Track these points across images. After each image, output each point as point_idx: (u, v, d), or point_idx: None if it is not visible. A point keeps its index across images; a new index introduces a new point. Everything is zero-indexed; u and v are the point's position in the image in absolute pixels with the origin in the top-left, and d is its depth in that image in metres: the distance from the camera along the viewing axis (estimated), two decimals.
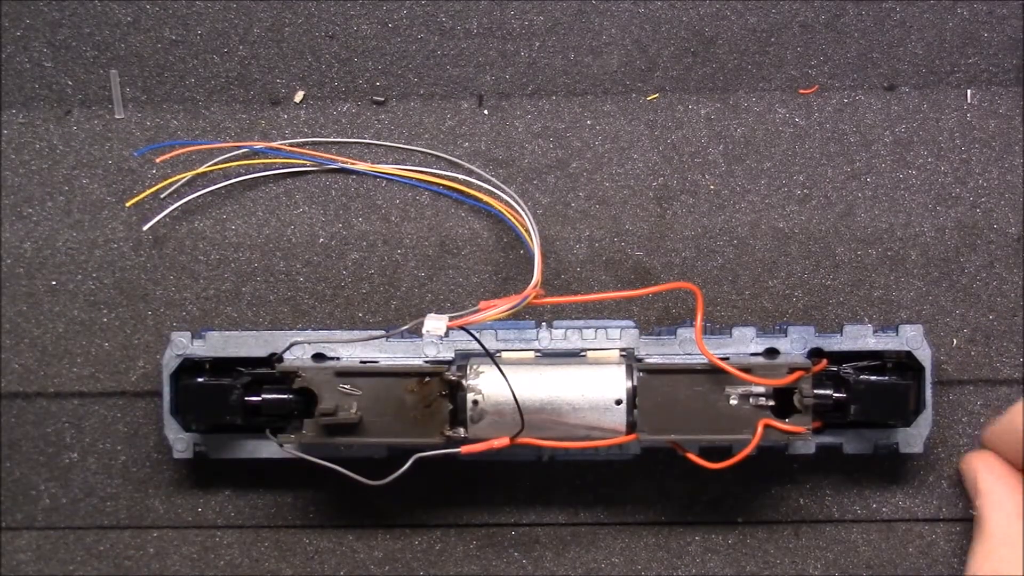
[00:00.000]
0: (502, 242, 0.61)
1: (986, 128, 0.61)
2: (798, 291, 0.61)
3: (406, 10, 0.62)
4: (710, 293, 0.61)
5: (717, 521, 0.61)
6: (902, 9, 0.62)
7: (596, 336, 0.57)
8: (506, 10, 0.62)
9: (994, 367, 0.61)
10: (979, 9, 0.61)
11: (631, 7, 0.62)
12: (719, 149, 0.62)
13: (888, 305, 0.61)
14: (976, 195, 0.61)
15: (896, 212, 0.61)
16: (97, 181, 0.62)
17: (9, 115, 0.63)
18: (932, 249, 0.61)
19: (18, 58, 0.62)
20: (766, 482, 0.61)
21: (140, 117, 0.63)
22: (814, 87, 0.62)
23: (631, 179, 0.62)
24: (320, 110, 0.62)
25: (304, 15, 0.62)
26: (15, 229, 0.62)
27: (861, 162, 0.61)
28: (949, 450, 0.61)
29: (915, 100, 0.62)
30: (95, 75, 0.63)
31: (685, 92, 0.62)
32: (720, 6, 0.62)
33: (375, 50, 0.62)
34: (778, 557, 0.61)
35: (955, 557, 0.61)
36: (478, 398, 0.54)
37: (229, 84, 0.63)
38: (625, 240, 0.61)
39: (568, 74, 0.62)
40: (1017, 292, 0.61)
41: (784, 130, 0.62)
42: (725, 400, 0.54)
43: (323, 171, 0.62)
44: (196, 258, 0.61)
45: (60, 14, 0.62)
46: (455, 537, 0.62)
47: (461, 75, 0.62)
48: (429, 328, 0.51)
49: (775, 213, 0.61)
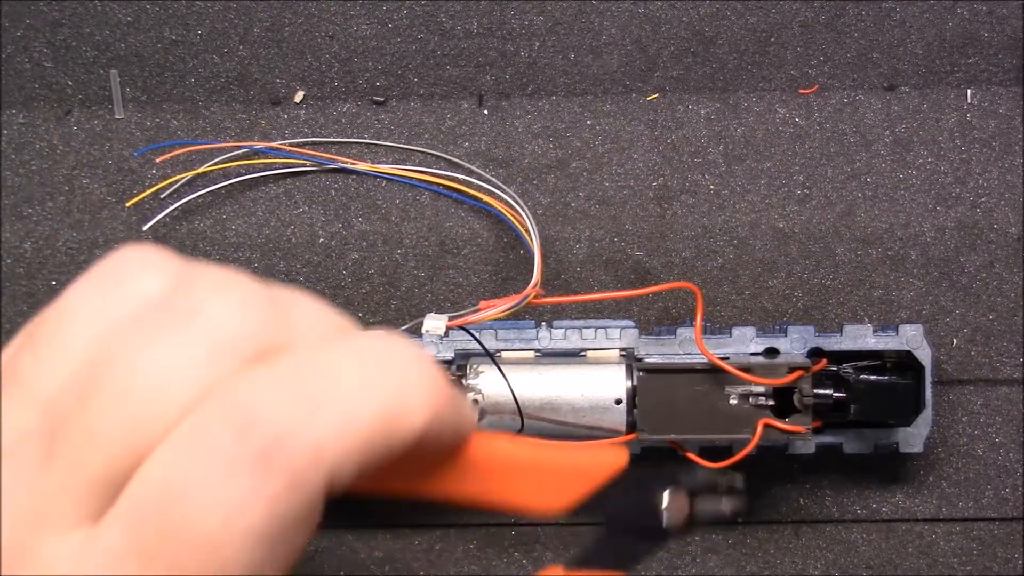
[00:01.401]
0: (502, 242, 0.61)
1: (986, 128, 0.61)
2: (798, 291, 0.61)
3: (406, 10, 0.62)
4: (710, 293, 0.61)
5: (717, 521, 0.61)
6: (902, 9, 0.62)
7: (596, 336, 0.57)
8: (506, 10, 0.62)
9: (994, 367, 0.61)
10: (979, 9, 0.61)
11: (631, 7, 0.62)
12: (719, 149, 0.62)
13: (888, 305, 0.61)
14: (976, 195, 0.61)
15: (896, 212, 0.61)
16: (97, 181, 0.62)
17: (9, 115, 0.63)
18: (932, 249, 0.61)
19: (18, 58, 0.62)
20: (766, 482, 0.61)
21: (140, 117, 0.63)
22: (814, 87, 0.62)
23: (631, 179, 0.62)
24: (320, 110, 0.62)
25: (304, 15, 0.62)
26: (15, 229, 0.62)
27: (861, 162, 0.61)
28: (949, 450, 0.61)
29: (915, 100, 0.62)
30: (95, 75, 0.63)
31: (685, 92, 0.62)
32: (720, 6, 0.62)
33: (375, 50, 0.62)
34: (778, 557, 0.61)
35: (955, 557, 0.61)
36: (478, 398, 0.54)
37: (229, 84, 0.63)
38: (625, 240, 0.61)
39: (568, 74, 0.62)
40: (1017, 292, 0.61)
41: (784, 130, 0.62)
42: (725, 400, 0.54)
43: (323, 171, 0.62)
44: (196, 258, 0.61)
45: (60, 14, 0.62)
46: (455, 537, 0.62)
47: (461, 75, 0.63)
48: (428, 328, 0.51)
49: (775, 213, 0.61)
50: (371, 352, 0.29)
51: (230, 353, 0.28)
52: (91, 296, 0.31)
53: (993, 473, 0.61)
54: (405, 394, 0.29)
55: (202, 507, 0.26)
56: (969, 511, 0.61)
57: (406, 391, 0.29)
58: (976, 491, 0.61)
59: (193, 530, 0.26)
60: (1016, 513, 0.61)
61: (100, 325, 0.30)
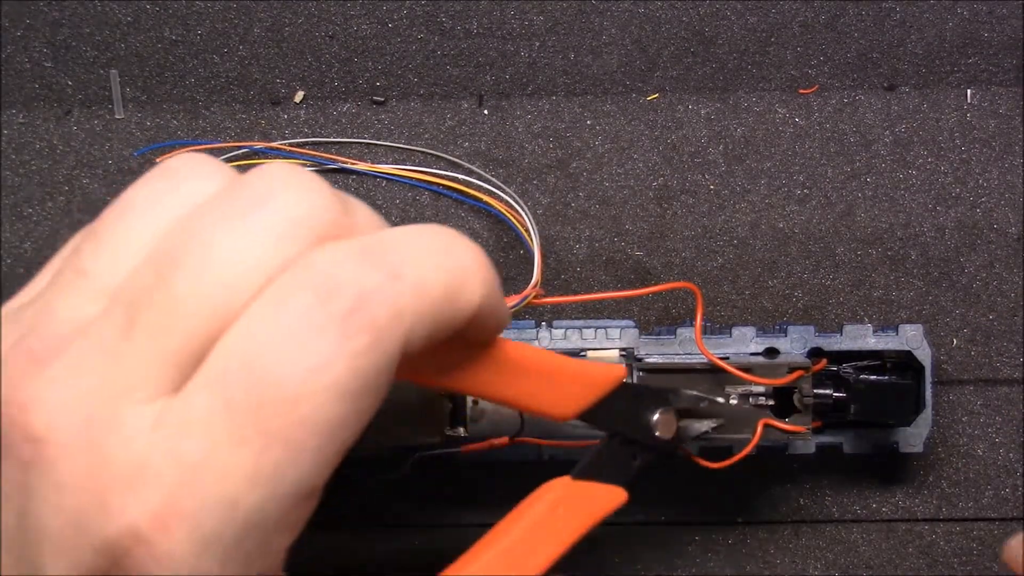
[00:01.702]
0: (502, 242, 0.61)
1: (986, 128, 0.61)
2: (798, 291, 0.61)
3: (406, 10, 0.62)
4: (710, 293, 0.61)
5: (717, 521, 0.61)
6: (902, 9, 0.62)
7: (596, 336, 0.57)
8: (506, 10, 0.62)
9: (994, 367, 0.61)
10: (979, 9, 0.61)
11: (631, 7, 0.62)
12: (719, 149, 0.62)
13: (888, 305, 0.61)
14: (976, 195, 0.61)
15: (896, 212, 0.61)
16: (97, 181, 0.62)
17: (9, 115, 0.63)
18: (932, 249, 0.61)
19: (18, 58, 0.62)
20: (766, 482, 0.61)
21: (140, 117, 0.63)
22: (814, 87, 0.62)
23: (631, 179, 0.62)
24: (320, 110, 0.62)
25: (304, 15, 0.62)
26: (15, 229, 0.62)
27: (861, 162, 0.61)
28: (949, 450, 0.61)
29: (915, 100, 0.62)
30: (95, 75, 0.63)
31: (685, 92, 0.62)
32: (720, 6, 0.62)
33: (375, 50, 0.62)
34: (778, 557, 0.61)
35: (955, 557, 0.61)
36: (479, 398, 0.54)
37: (229, 84, 0.63)
38: (625, 240, 0.61)
39: (568, 74, 0.62)
40: (1017, 292, 0.61)
41: (784, 130, 0.62)
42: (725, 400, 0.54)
43: (323, 171, 0.62)
44: None
45: (60, 14, 0.62)
46: (455, 537, 0.62)
47: (461, 75, 0.62)
48: None
49: (775, 213, 0.61)
50: (434, 235, 0.32)
51: (304, 231, 0.30)
52: (154, 191, 0.32)
53: (993, 473, 0.61)
54: (466, 273, 0.31)
55: (289, 366, 0.28)
56: (969, 511, 0.61)
57: (467, 270, 0.31)
58: (976, 491, 0.61)
59: (280, 388, 0.28)
60: (1016, 513, 0.61)
61: (166, 215, 0.31)
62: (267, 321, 0.28)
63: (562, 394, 0.41)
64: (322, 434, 0.28)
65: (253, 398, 0.27)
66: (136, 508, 0.27)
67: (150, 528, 0.27)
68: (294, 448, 0.28)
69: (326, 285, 0.28)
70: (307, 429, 0.28)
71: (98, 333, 0.29)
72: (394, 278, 0.29)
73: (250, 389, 0.27)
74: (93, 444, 0.27)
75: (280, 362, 0.28)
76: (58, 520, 0.28)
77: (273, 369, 0.28)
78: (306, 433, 0.28)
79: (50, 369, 0.28)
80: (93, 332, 0.29)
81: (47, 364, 0.28)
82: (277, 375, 0.27)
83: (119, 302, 0.29)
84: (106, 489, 0.27)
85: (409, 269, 0.30)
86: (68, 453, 0.27)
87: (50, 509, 0.28)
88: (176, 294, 0.28)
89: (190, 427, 0.28)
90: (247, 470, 0.28)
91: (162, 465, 0.27)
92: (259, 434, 0.27)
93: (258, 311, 0.28)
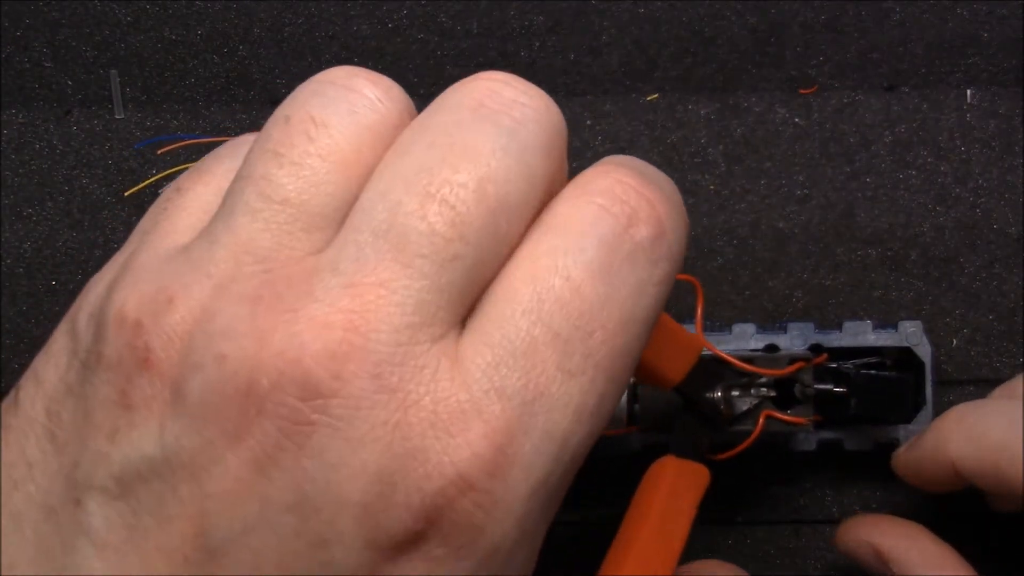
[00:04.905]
0: None
1: (986, 128, 0.61)
2: (798, 291, 0.61)
3: (406, 10, 0.62)
4: (710, 293, 0.61)
5: (717, 521, 0.61)
6: (902, 9, 0.62)
7: None
8: (506, 10, 0.62)
9: (994, 367, 0.61)
10: (979, 9, 0.62)
11: (631, 7, 0.62)
12: (719, 149, 0.62)
13: (888, 305, 0.61)
14: (976, 195, 0.61)
15: (896, 212, 0.61)
16: (97, 181, 0.62)
17: (9, 115, 0.63)
18: (932, 249, 0.61)
19: (18, 58, 0.63)
20: (766, 482, 0.61)
21: (140, 117, 0.63)
22: (814, 87, 0.62)
23: None
24: None
25: (304, 15, 0.62)
26: (15, 229, 0.62)
27: (861, 162, 0.61)
28: None
29: (915, 100, 0.62)
30: (95, 75, 0.63)
31: (685, 92, 0.62)
32: (720, 6, 0.62)
33: (375, 50, 0.62)
34: (778, 557, 0.61)
35: None
36: None
37: (229, 84, 0.63)
38: None
39: (568, 74, 0.62)
40: (1017, 292, 0.61)
41: (784, 130, 0.62)
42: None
43: None
44: None
45: (60, 14, 0.62)
46: None
47: (461, 75, 0.62)
48: None
49: (775, 213, 0.61)
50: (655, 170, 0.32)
51: (561, 146, 0.30)
52: (331, 100, 0.33)
53: None
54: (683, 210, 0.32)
55: (606, 297, 0.27)
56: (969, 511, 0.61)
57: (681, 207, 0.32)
58: (976, 491, 0.61)
59: (604, 317, 0.27)
60: None
61: (369, 131, 0.32)
62: (575, 251, 0.27)
63: (674, 353, 0.39)
64: (630, 367, 0.28)
65: (581, 328, 0.26)
66: (462, 453, 0.25)
67: (481, 473, 0.25)
68: (615, 380, 0.27)
69: (624, 211, 0.28)
70: (624, 360, 0.27)
71: (351, 266, 0.26)
72: (672, 205, 0.30)
73: (576, 319, 0.26)
74: (392, 390, 0.25)
75: (616, 288, 0.27)
76: (359, 483, 0.25)
77: (592, 299, 0.27)
78: (623, 364, 0.27)
79: (305, 311, 0.25)
80: (343, 266, 0.26)
81: (298, 307, 0.26)
82: (597, 305, 0.27)
83: (362, 230, 0.27)
84: (420, 436, 0.25)
85: (675, 196, 0.31)
86: (366, 404, 0.25)
87: (349, 472, 0.25)
88: (452, 217, 0.27)
89: (512, 360, 0.26)
90: (576, 403, 0.26)
91: (484, 403, 0.25)
92: (589, 366, 0.26)
93: (560, 241, 0.27)
